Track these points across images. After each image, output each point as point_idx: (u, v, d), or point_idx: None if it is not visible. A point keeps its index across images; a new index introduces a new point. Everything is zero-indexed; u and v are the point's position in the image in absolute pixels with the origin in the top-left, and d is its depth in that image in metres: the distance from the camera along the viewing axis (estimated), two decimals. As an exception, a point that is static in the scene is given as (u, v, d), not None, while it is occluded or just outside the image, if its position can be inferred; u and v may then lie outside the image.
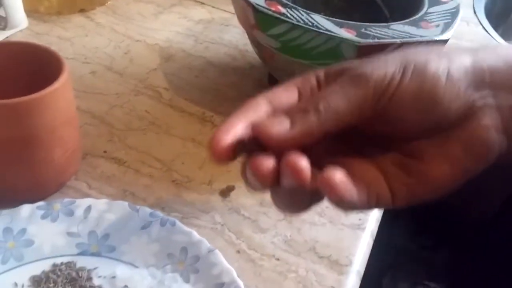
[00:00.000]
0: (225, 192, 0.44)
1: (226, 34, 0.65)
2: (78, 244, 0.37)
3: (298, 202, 0.25)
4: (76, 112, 0.41)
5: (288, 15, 0.44)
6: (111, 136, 0.48)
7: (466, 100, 0.24)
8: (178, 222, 0.38)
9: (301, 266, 0.39)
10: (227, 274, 0.35)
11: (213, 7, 0.70)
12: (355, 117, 0.24)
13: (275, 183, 0.23)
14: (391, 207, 0.25)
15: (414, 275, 0.85)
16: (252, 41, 0.52)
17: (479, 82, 0.24)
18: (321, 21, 0.43)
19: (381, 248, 0.47)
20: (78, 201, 0.38)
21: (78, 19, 0.64)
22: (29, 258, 0.36)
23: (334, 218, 0.42)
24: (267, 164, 0.22)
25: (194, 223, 0.40)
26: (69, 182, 0.42)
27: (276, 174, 0.23)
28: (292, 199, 0.25)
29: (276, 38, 0.45)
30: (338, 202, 0.22)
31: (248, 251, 0.39)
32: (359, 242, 0.41)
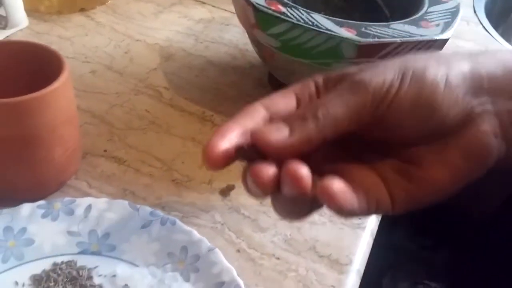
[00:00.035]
0: (225, 191, 0.44)
1: (226, 33, 0.65)
2: (79, 243, 0.37)
3: (298, 209, 0.25)
4: (76, 111, 0.41)
5: (288, 14, 0.44)
6: (111, 135, 0.48)
7: (465, 106, 0.24)
8: (178, 221, 0.38)
9: (301, 265, 0.39)
10: (227, 273, 0.35)
11: (213, 6, 0.70)
12: (353, 123, 0.24)
13: (275, 190, 0.23)
14: (391, 213, 0.25)
15: (414, 275, 0.85)
16: (252, 40, 0.52)
17: (477, 89, 0.24)
18: (321, 21, 0.43)
19: (381, 247, 0.47)
20: (79, 200, 0.38)
21: (78, 19, 0.64)
22: (29, 257, 0.36)
23: (334, 217, 0.42)
24: (267, 172, 0.22)
25: (194, 222, 0.40)
26: (70, 181, 0.42)
27: (277, 181, 0.23)
28: (293, 206, 0.25)
29: (276, 37, 0.45)
30: (338, 210, 0.22)
31: (248, 250, 0.39)
32: (359, 241, 0.41)
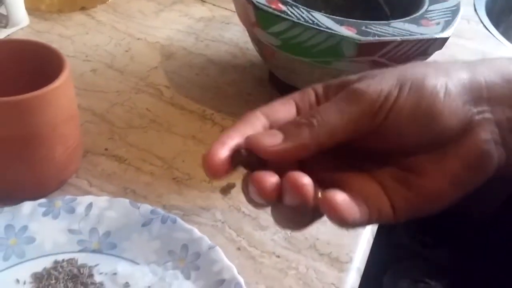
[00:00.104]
0: (226, 190, 0.44)
1: (226, 32, 0.65)
2: (80, 241, 0.37)
3: (298, 219, 0.25)
4: (77, 110, 0.41)
5: (289, 12, 0.44)
6: (111, 134, 0.48)
7: (465, 115, 0.24)
8: (179, 219, 0.38)
9: (302, 263, 0.39)
10: (228, 271, 0.35)
11: (214, 5, 0.70)
12: (350, 132, 0.24)
13: (276, 199, 0.23)
14: (392, 221, 0.25)
15: (414, 273, 0.85)
16: (253, 39, 0.52)
17: (477, 97, 0.24)
18: (322, 19, 0.43)
19: (381, 246, 0.47)
20: (79, 199, 0.39)
21: (79, 17, 0.64)
22: (30, 255, 0.36)
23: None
24: (269, 180, 0.23)
25: (194, 221, 0.40)
26: (70, 179, 0.42)
27: (278, 190, 0.23)
28: (293, 216, 0.25)
29: (277, 36, 0.45)
30: (341, 222, 0.22)
31: (248, 248, 0.39)
32: (360, 239, 0.41)
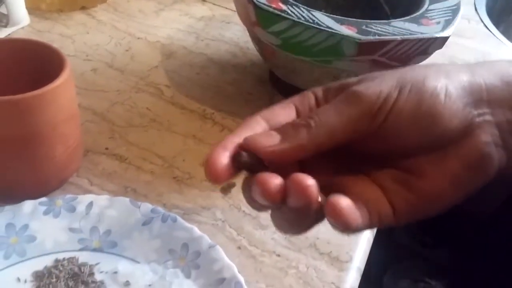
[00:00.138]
0: (226, 189, 0.43)
1: (227, 31, 0.65)
2: (80, 240, 0.37)
3: (298, 224, 0.25)
4: (78, 109, 0.41)
5: (289, 12, 0.44)
6: (112, 133, 0.48)
7: (465, 117, 0.24)
8: (179, 218, 0.38)
9: (302, 262, 0.39)
10: (228, 270, 0.35)
11: (214, 4, 0.70)
12: (349, 133, 0.24)
13: (281, 201, 0.23)
14: (393, 224, 0.25)
15: (414, 273, 0.85)
16: (253, 38, 0.52)
17: (477, 100, 0.24)
18: (322, 18, 0.43)
19: (381, 246, 0.47)
20: (80, 197, 0.39)
21: (79, 17, 0.64)
22: (31, 254, 0.36)
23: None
24: (274, 182, 0.23)
25: (195, 219, 0.40)
26: (71, 178, 0.42)
27: (283, 192, 0.23)
28: (294, 220, 0.25)
29: (277, 35, 0.45)
30: (344, 227, 0.22)
31: (249, 247, 0.39)
32: (360, 238, 0.41)
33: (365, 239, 0.41)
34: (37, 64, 0.40)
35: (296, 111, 0.26)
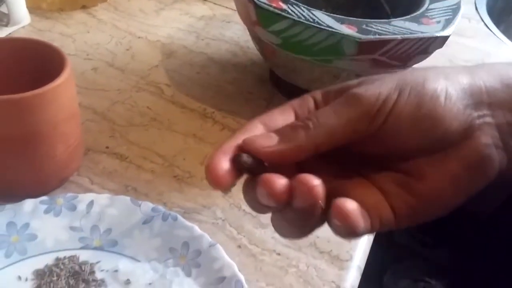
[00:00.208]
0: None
1: (227, 30, 0.65)
2: (81, 238, 0.37)
3: (299, 228, 0.25)
4: (78, 108, 0.41)
5: (289, 11, 0.44)
6: (113, 132, 0.48)
7: (465, 119, 0.24)
8: (179, 217, 0.38)
9: (302, 261, 0.39)
10: (228, 269, 0.35)
11: (215, 3, 0.70)
12: (348, 134, 0.24)
13: (286, 202, 0.23)
14: (395, 228, 0.25)
15: (414, 272, 0.85)
16: (253, 37, 0.52)
17: (477, 102, 0.24)
18: (322, 18, 0.44)
19: (381, 245, 0.47)
20: (81, 196, 0.39)
21: (80, 16, 0.64)
22: (32, 252, 0.36)
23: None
24: (279, 182, 0.22)
25: (195, 218, 0.41)
26: (72, 177, 0.42)
27: (288, 192, 0.23)
28: (295, 223, 0.25)
29: (277, 34, 0.45)
30: (349, 231, 0.22)
31: (249, 246, 0.39)
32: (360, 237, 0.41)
33: (365, 238, 0.41)
34: (37, 63, 0.40)
35: (295, 115, 0.26)
